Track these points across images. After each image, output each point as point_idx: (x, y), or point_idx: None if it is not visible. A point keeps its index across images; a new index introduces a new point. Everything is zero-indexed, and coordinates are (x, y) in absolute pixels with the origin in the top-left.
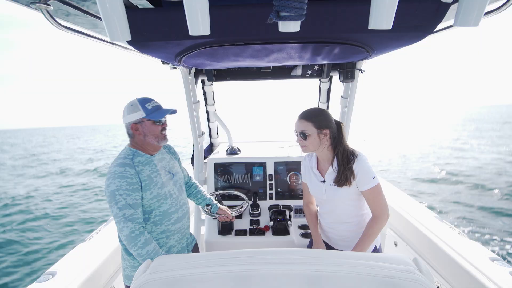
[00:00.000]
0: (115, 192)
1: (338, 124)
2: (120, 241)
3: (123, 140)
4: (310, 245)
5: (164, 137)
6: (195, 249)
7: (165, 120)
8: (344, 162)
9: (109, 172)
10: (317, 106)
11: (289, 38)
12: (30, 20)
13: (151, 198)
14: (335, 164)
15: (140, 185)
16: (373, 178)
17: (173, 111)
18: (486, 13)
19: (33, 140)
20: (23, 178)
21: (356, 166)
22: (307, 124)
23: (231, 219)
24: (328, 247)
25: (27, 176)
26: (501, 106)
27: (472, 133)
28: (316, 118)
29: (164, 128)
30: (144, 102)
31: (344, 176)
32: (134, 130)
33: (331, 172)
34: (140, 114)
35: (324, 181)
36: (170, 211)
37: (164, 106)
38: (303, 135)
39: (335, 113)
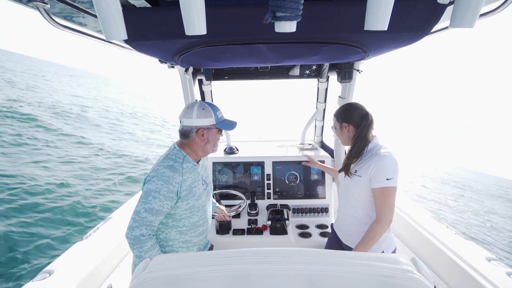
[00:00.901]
0: (151, 192)
1: (366, 119)
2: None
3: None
4: (327, 243)
5: (217, 147)
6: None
7: None
8: (351, 155)
9: (156, 170)
10: (353, 102)
11: (285, 38)
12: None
13: (186, 208)
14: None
15: (178, 195)
16: (387, 179)
17: (236, 124)
18: (482, 15)
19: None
20: None
21: (374, 162)
22: (334, 119)
23: (228, 219)
24: (338, 241)
25: None
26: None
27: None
28: (338, 113)
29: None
30: (215, 109)
31: (345, 166)
32: (199, 135)
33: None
34: (211, 121)
35: None
36: (198, 223)
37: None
38: (333, 129)
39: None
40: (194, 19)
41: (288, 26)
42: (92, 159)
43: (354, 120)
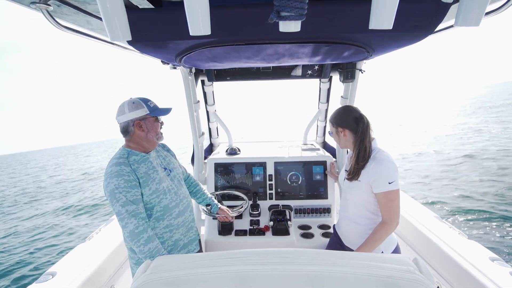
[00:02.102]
0: (114, 191)
1: (363, 122)
2: (126, 240)
3: None
4: (328, 244)
5: (162, 135)
6: (199, 246)
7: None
8: (359, 159)
9: (106, 173)
10: (342, 105)
11: (289, 38)
12: (31, 42)
13: (150, 193)
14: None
15: (138, 181)
16: (389, 183)
17: (170, 110)
18: (487, 13)
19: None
20: None
21: (373, 167)
22: (329, 124)
23: (230, 220)
24: (340, 241)
25: None
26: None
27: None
28: (333, 117)
29: (161, 126)
30: (145, 100)
31: (353, 172)
32: (137, 127)
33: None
34: (144, 111)
35: (347, 171)
36: (171, 205)
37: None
38: (330, 134)
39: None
40: (199, 19)
41: (293, 26)
42: None
43: (349, 124)
